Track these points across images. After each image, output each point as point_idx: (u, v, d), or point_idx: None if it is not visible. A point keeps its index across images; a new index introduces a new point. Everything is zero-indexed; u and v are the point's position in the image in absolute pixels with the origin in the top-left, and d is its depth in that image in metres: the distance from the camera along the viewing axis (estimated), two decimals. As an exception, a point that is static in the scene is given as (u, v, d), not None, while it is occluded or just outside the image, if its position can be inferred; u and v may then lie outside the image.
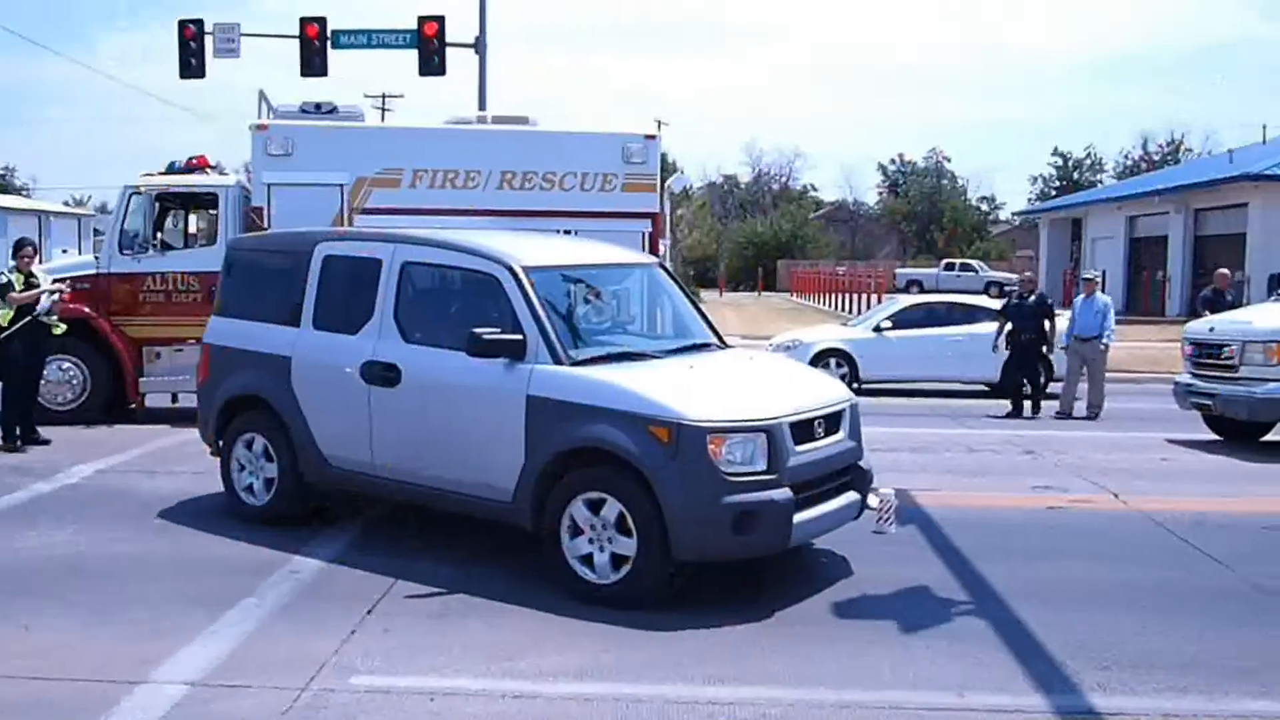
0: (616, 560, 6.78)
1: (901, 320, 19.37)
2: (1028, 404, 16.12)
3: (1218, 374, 13.35)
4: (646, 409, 6.64)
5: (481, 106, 24.16)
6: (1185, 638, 6.40)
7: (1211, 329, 13.88)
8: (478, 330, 7.09)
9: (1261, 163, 37.73)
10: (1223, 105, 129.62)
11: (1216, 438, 13.86)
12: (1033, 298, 16.40)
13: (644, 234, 14.05)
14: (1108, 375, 16.26)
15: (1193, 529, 8.91)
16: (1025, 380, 16.18)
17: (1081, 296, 16.51)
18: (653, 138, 14.62)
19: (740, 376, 7.68)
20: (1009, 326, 16.26)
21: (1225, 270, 17.60)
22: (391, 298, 7.91)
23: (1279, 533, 8.99)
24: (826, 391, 7.63)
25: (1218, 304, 16.14)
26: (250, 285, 9.03)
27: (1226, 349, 13.21)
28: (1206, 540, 8.55)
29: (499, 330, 7.16)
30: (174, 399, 14.07)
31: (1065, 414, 15.93)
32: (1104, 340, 15.89)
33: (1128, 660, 6.02)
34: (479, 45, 25.41)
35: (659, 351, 7.84)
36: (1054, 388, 16.85)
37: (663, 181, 15.46)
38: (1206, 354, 13.65)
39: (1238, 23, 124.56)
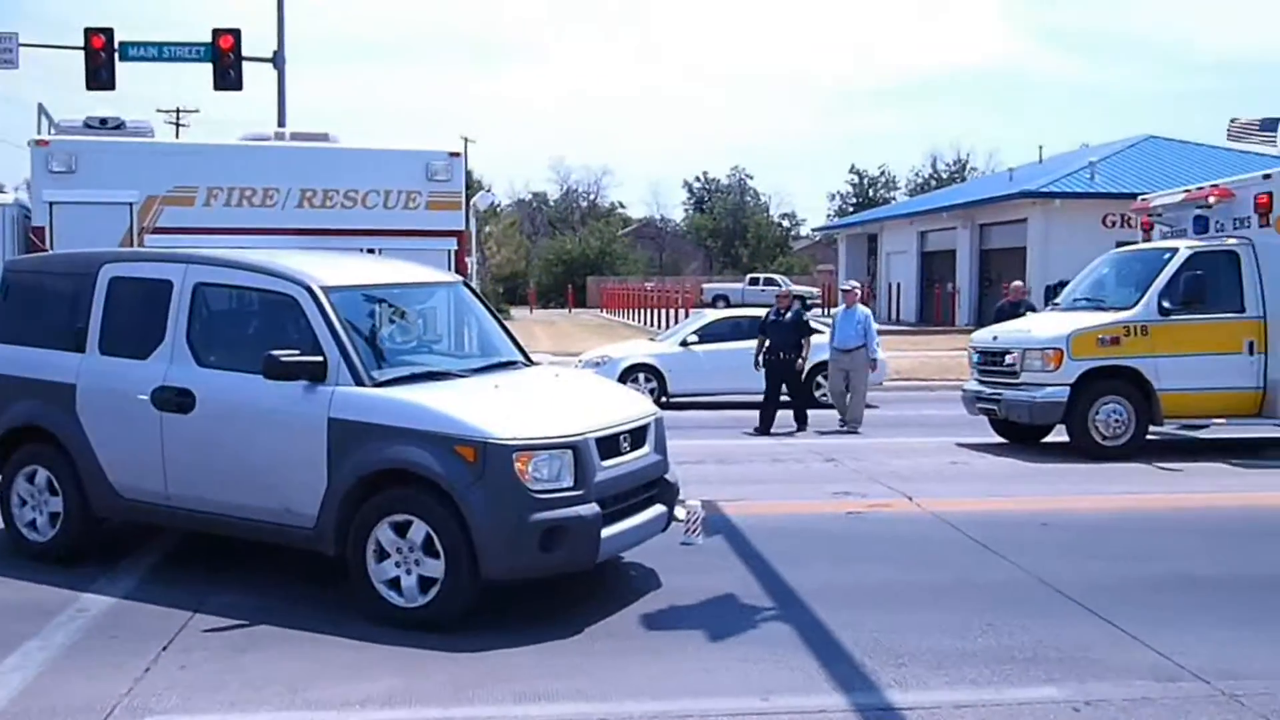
0: (424, 583, 6.69)
1: (708, 334, 19.73)
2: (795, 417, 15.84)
3: (1001, 380, 14.09)
4: (451, 428, 6.59)
5: (280, 122, 23.54)
6: (976, 631, 6.71)
7: (995, 338, 14.65)
8: (275, 352, 6.91)
9: (1038, 180, 40.07)
10: (1004, 127, 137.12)
11: (1003, 440, 14.63)
12: (789, 314, 15.88)
13: (450, 252, 13.94)
14: (903, 383, 16.93)
15: (981, 527, 9.36)
16: (790, 396, 15.78)
17: (842, 308, 16.38)
18: (457, 155, 14.55)
19: (546, 394, 7.70)
20: (768, 343, 15.75)
21: (1019, 282, 18.36)
22: (184, 320, 7.63)
23: (1057, 528, 9.53)
24: (631, 407, 7.73)
25: (1014, 315, 16.79)
26: (30, 309, 8.56)
27: (1009, 356, 13.95)
28: (993, 538, 9.00)
29: (298, 352, 6.99)
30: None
31: (851, 428, 15.73)
32: (871, 354, 15.81)
33: (922, 656, 6.27)
34: (277, 60, 24.77)
35: (464, 370, 7.78)
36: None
37: (468, 199, 15.39)
38: (991, 361, 14.40)
39: (1018, 51, 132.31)
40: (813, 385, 19.22)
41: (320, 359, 6.99)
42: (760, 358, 15.86)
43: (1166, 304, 13.35)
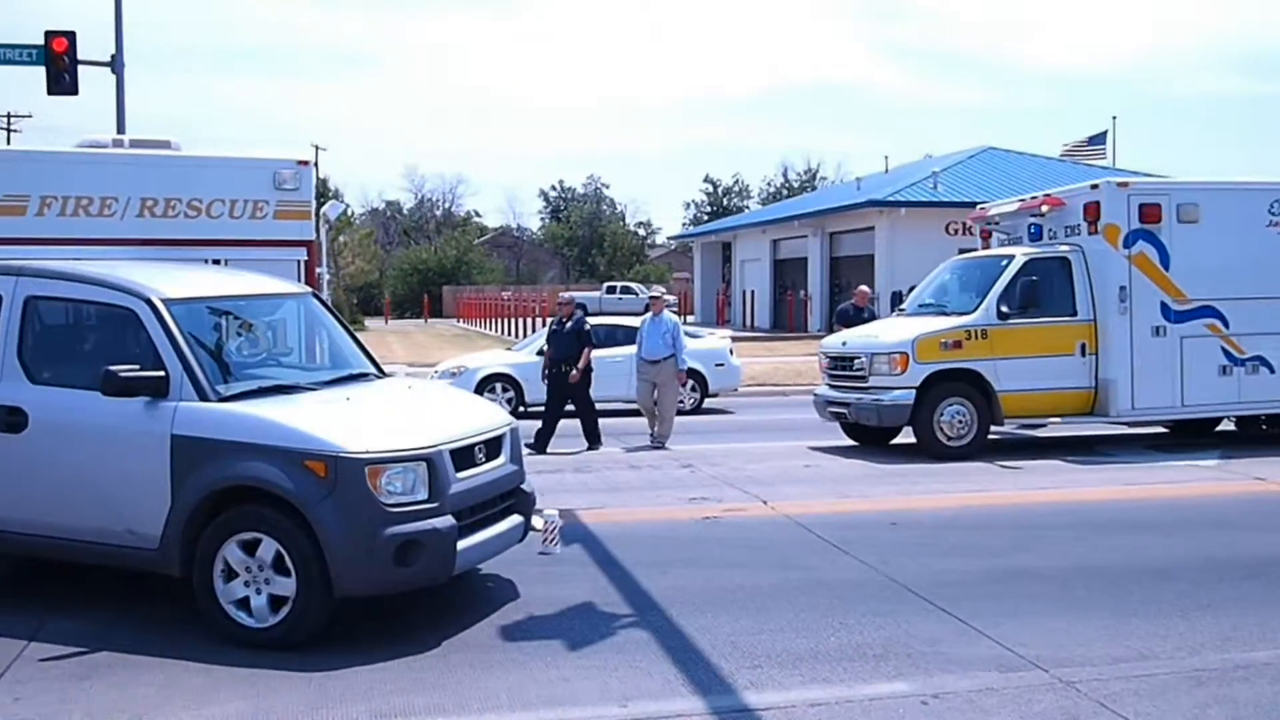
0: (275, 602, 6.54)
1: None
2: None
3: (851, 384, 14.45)
4: (301, 443, 6.46)
5: (120, 129, 22.69)
6: (829, 630, 6.86)
7: (844, 343, 15.02)
8: (114, 368, 6.66)
9: (885, 190, 41.26)
10: (852, 138, 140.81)
11: (853, 443, 15.00)
12: (570, 323, 14.94)
13: (299, 262, 13.60)
14: (757, 389, 17.15)
15: (833, 528, 9.58)
16: (577, 412, 14.94)
17: (648, 316, 15.49)
18: (306, 163, 14.21)
19: (399, 406, 7.60)
20: (550, 355, 15.05)
21: (865, 288, 18.78)
22: (14, 335, 7.29)
23: (906, 527, 9.81)
24: (486, 417, 7.69)
25: (855, 319, 17.19)
26: None
27: (857, 361, 14.32)
28: (845, 538, 9.22)
29: (138, 367, 6.76)
30: None
31: (658, 442, 15.01)
32: (681, 365, 15.08)
33: (777, 656, 6.39)
34: (115, 64, 23.89)
35: (315, 383, 7.64)
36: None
37: (319, 208, 15.09)
38: (841, 366, 14.75)
39: (865, 66, 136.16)
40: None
41: (162, 374, 6.78)
42: (543, 371, 15.28)
43: (1004, 309, 13.88)
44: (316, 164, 14.26)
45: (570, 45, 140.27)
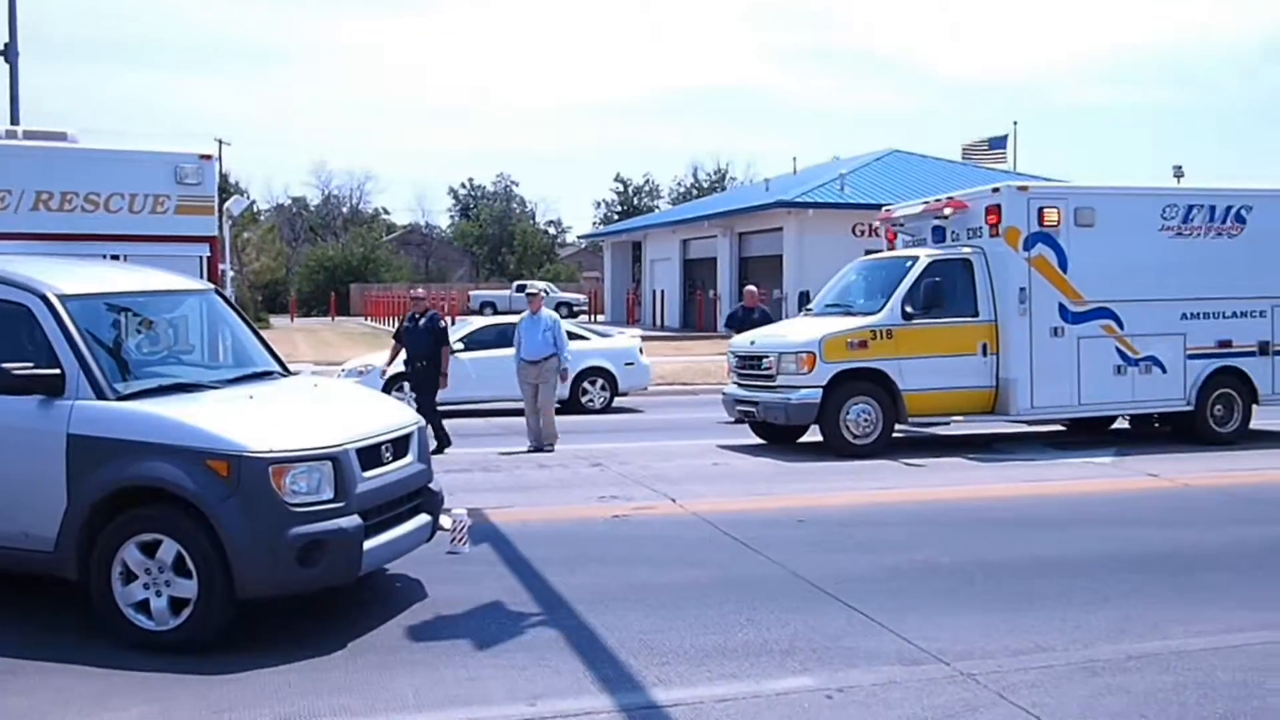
0: (176, 604, 6.41)
1: (474, 342, 19.62)
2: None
3: (759, 383, 14.59)
4: (203, 442, 6.34)
5: (13, 120, 22.06)
6: (736, 626, 6.93)
7: (753, 342, 15.16)
8: (6, 365, 6.49)
9: (793, 191, 41.69)
10: (762, 139, 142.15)
11: (762, 441, 15.15)
12: (424, 319, 14.65)
13: (202, 259, 13.34)
14: (667, 388, 17.20)
15: (741, 526, 9.68)
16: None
17: (526, 314, 14.76)
18: (209, 157, 13.95)
19: (303, 404, 7.50)
20: (403, 353, 14.82)
21: (753, 288, 18.90)
22: (-100, 333, 7.04)
23: (812, 524, 9.94)
24: (393, 416, 7.62)
25: (746, 320, 17.32)
26: None
27: (765, 360, 14.47)
28: (752, 536, 9.32)
29: (32, 365, 6.58)
30: None
31: (537, 447, 14.49)
32: (563, 363, 14.52)
33: (686, 653, 6.43)
34: (9, 53, 23.23)
35: (217, 382, 7.51)
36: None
37: (222, 203, 14.81)
38: (749, 365, 14.89)
39: (774, 67, 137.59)
40: (579, 392, 19.47)
41: (57, 372, 6.61)
42: (388, 368, 15.04)
43: (909, 309, 14.13)
44: (220, 159, 13.97)
45: (482, 43, 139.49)
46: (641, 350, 20.46)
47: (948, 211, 15.25)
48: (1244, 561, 8.58)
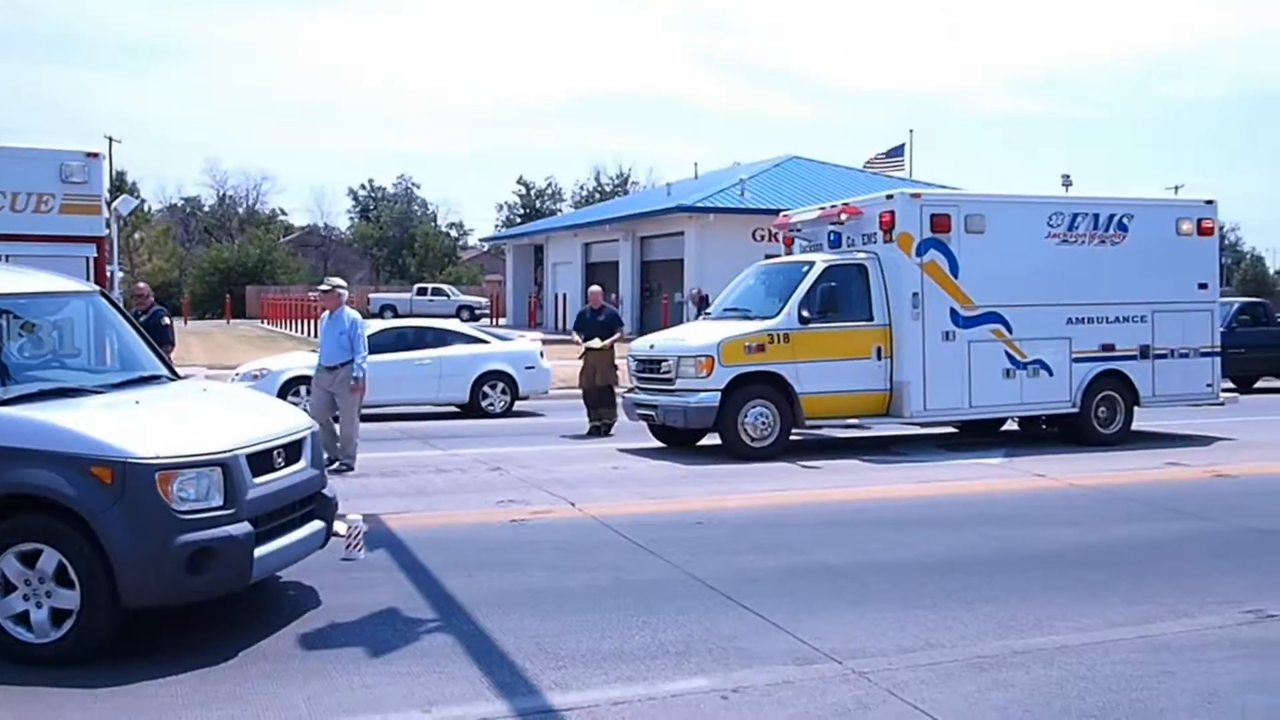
0: (58, 615, 6.21)
1: (372, 345, 19.29)
2: None
3: (659, 387, 14.67)
4: (86, 448, 6.17)
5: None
6: (633, 629, 6.95)
7: (652, 346, 15.23)
8: (-123, 370, 6.24)
9: (694, 196, 42.05)
10: (664, 144, 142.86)
11: (661, 445, 15.22)
12: (146, 316, 13.99)
13: (88, 259, 13.01)
14: (568, 391, 17.09)
15: (639, 529, 9.71)
16: None
17: (326, 314, 13.34)
18: (96, 156, 13.60)
19: (192, 409, 7.33)
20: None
21: (597, 288, 18.46)
22: None
23: (710, 526, 10.03)
24: (286, 420, 7.50)
25: (592, 321, 16.91)
26: None
27: (665, 364, 14.55)
28: (650, 538, 9.36)
29: (-96, 369, 6.34)
30: None
31: (331, 463, 11.58)
32: (356, 371, 12.89)
33: (582, 656, 6.44)
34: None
35: (102, 386, 7.30)
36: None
37: (111, 203, 14.43)
38: (649, 369, 14.95)
39: (677, 72, 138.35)
40: (480, 396, 19.37)
41: (-69, 376, 6.37)
42: None
43: (805, 313, 14.32)
44: (110, 157, 13.61)
45: (382, 43, 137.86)
46: (543, 354, 20.42)
47: (843, 217, 15.49)
48: (1125, 559, 8.87)
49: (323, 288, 13.21)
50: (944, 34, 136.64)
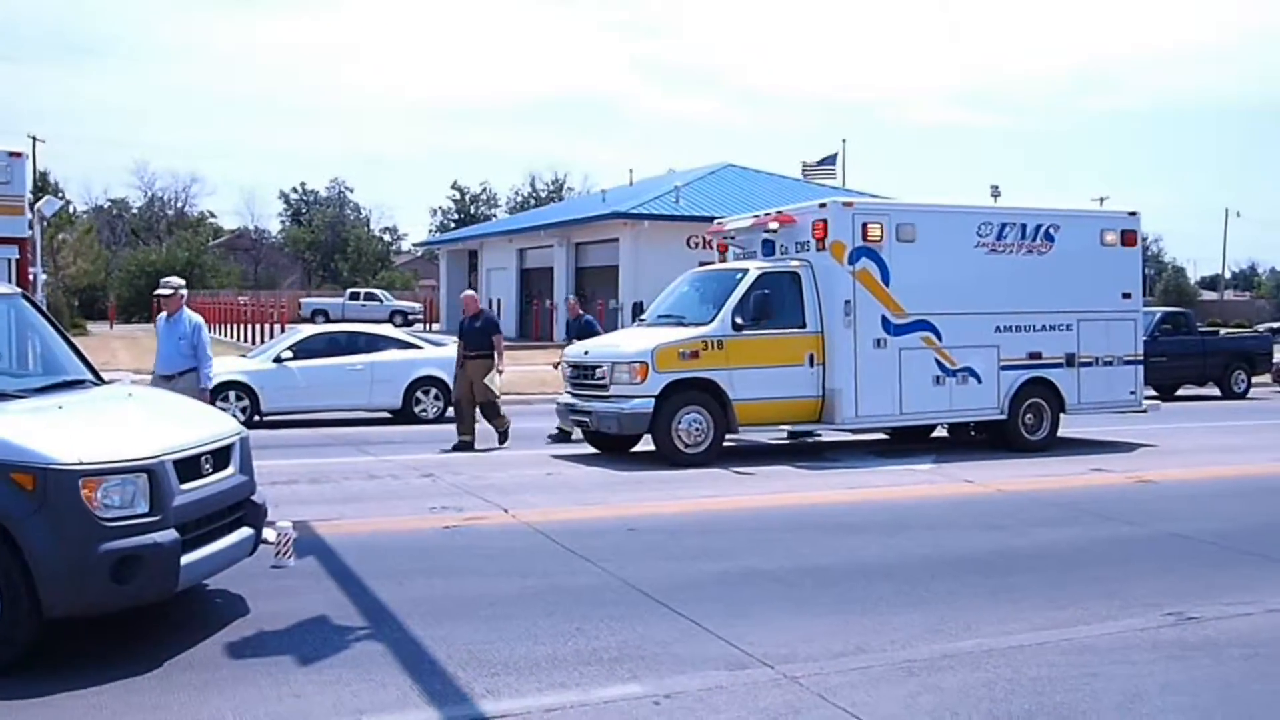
0: (-25, 626, 6.07)
1: (303, 350, 19.19)
2: None
3: (593, 393, 14.67)
4: (6, 454, 6.01)
5: None
6: (566, 636, 6.93)
7: (586, 352, 15.23)
8: None
9: (629, 202, 42.09)
10: (599, 150, 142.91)
11: (595, 451, 15.21)
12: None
13: (10, 261, 12.78)
14: (503, 398, 16.89)
15: (572, 535, 9.70)
16: None
17: (163, 317, 11.98)
18: (19, 155, 13.35)
19: (117, 414, 7.20)
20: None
21: (471, 291, 18.48)
22: None
23: (643, 532, 10.04)
24: (214, 425, 7.39)
25: (469, 329, 16.54)
26: None
27: (599, 370, 14.55)
28: (584, 544, 9.35)
29: None
30: None
31: None
32: (203, 381, 11.50)
33: (515, 663, 6.41)
34: None
35: (24, 391, 7.15)
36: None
37: (34, 204, 14.16)
38: (583, 375, 14.95)
39: (613, 80, 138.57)
40: (413, 402, 19.24)
41: None
42: None
43: (739, 320, 14.40)
44: (34, 156, 13.35)
45: (316, 46, 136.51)
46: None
47: (776, 225, 15.61)
48: (1050, 563, 9.02)
49: (163, 291, 11.91)
50: (879, 44, 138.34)
